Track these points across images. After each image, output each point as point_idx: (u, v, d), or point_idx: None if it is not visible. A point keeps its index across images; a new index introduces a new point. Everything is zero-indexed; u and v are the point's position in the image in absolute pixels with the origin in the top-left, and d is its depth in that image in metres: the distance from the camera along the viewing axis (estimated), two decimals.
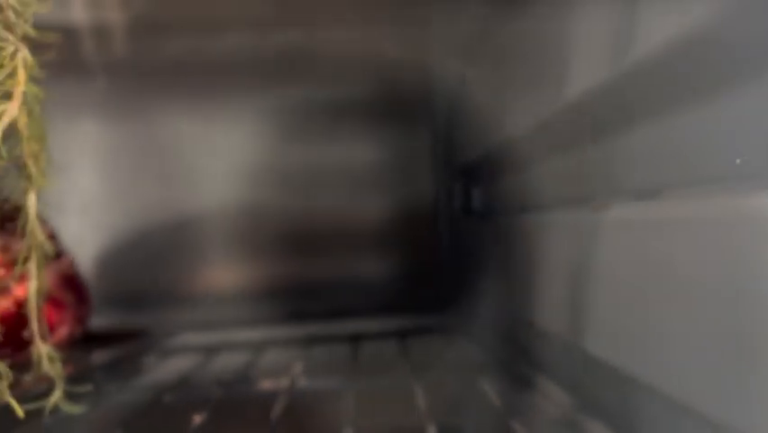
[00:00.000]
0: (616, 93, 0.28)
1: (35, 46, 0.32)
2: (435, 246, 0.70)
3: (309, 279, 0.70)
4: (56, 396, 0.34)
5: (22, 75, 0.30)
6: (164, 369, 0.51)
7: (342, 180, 0.70)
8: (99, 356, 0.46)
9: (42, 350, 0.34)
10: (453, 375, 0.45)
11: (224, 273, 0.69)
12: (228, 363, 0.55)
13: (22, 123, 0.29)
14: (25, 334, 0.35)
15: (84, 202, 0.65)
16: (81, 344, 0.51)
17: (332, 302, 0.70)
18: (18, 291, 0.42)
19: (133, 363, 0.45)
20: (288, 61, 0.70)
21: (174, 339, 0.53)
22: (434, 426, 0.34)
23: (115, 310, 0.63)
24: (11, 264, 0.43)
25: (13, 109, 0.29)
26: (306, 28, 0.70)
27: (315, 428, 0.34)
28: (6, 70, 0.30)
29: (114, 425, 0.37)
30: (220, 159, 0.69)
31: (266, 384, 0.46)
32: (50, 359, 0.34)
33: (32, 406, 0.33)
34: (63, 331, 0.47)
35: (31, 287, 0.34)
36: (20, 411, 0.32)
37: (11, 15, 0.31)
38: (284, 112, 0.70)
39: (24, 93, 0.29)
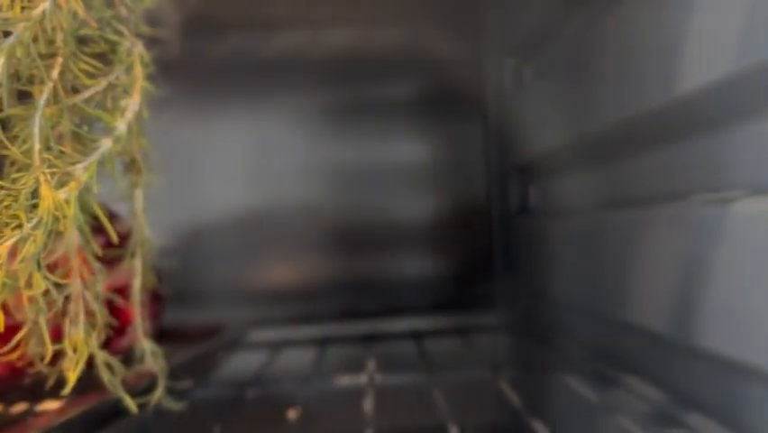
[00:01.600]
0: (735, 89, 0.28)
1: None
2: (488, 245, 0.70)
3: (362, 277, 0.70)
4: (159, 392, 0.34)
5: (139, 71, 0.30)
6: (235, 365, 0.52)
7: (395, 179, 0.70)
8: (176, 353, 0.46)
9: (146, 346, 0.34)
10: (534, 372, 0.45)
11: (279, 271, 0.69)
12: (295, 359, 0.55)
13: (141, 118, 0.29)
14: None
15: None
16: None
17: (385, 300, 0.70)
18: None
19: (207, 359, 0.45)
20: (341, 60, 0.70)
21: (243, 336, 0.53)
22: (538, 422, 0.34)
23: (173, 308, 0.63)
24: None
25: (134, 104, 0.29)
26: (359, 27, 0.70)
27: (416, 424, 0.34)
28: (123, 66, 0.30)
29: (210, 421, 0.37)
30: (274, 158, 0.69)
31: (344, 380, 0.46)
32: (154, 354, 0.34)
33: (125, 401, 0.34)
34: (144, 327, 0.47)
35: (135, 283, 0.34)
36: (133, 406, 0.32)
37: (123, 11, 0.31)
38: (337, 111, 0.70)
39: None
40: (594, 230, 0.47)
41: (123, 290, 0.37)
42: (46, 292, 0.25)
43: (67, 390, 0.29)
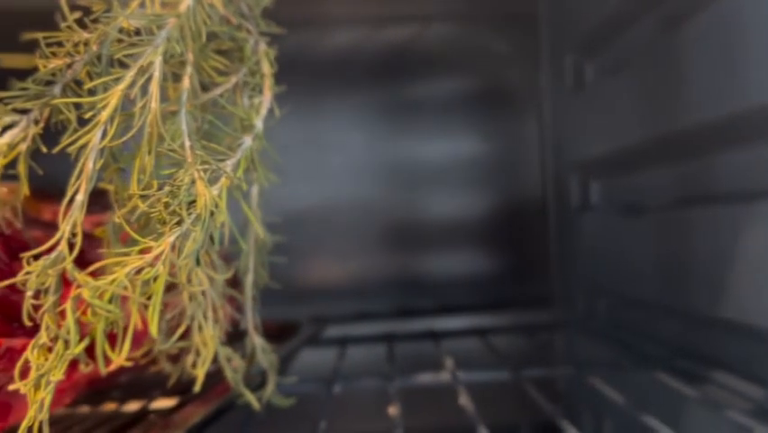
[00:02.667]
0: None
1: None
2: (544, 242, 0.70)
3: (417, 275, 0.70)
4: (270, 388, 0.34)
5: (267, 67, 0.30)
6: (306, 361, 0.52)
7: (450, 177, 0.70)
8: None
9: (257, 342, 0.34)
10: (619, 369, 0.45)
11: (335, 269, 0.69)
12: (365, 355, 0.55)
13: (273, 116, 0.29)
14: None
15: None
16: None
17: (439, 298, 0.70)
18: None
19: (293, 355, 0.45)
20: (396, 57, 0.70)
21: (322, 332, 0.53)
22: (649, 417, 0.34)
23: None
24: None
25: (267, 101, 0.29)
26: (413, 23, 0.70)
27: (525, 420, 0.34)
28: (250, 63, 0.30)
29: (311, 416, 0.37)
30: (331, 156, 0.69)
31: (426, 378, 0.46)
32: (264, 350, 0.34)
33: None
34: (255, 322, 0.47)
35: (248, 279, 0.34)
36: (256, 403, 0.32)
37: (244, 8, 0.31)
38: (392, 108, 0.70)
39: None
40: (675, 226, 0.46)
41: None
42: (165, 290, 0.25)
43: (197, 386, 0.29)
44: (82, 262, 0.37)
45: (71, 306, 0.22)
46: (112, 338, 0.28)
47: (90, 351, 0.24)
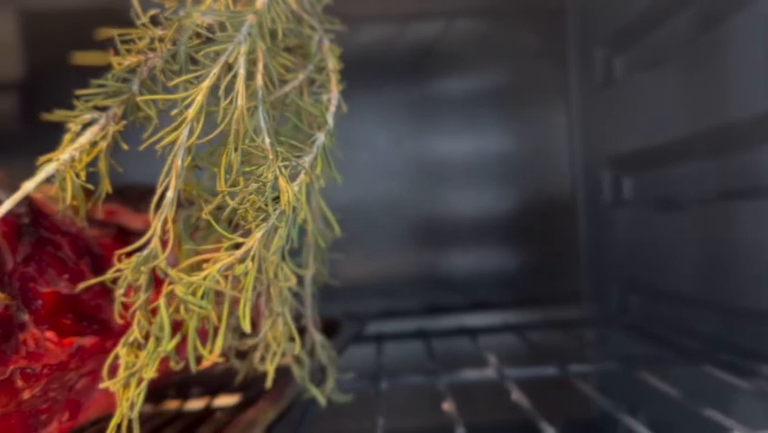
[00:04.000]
0: None
1: None
2: (573, 237, 0.70)
3: (446, 271, 0.70)
4: (330, 384, 0.34)
5: (333, 63, 0.30)
6: (345, 357, 0.52)
7: (478, 173, 0.70)
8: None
9: (316, 338, 0.34)
10: (665, 362, 0.45)
11: (364, 266, 0.69)
12: (405, 351, 0.55)
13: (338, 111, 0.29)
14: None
15: None
16: None
17: (469, 294, 0.70)
18: None
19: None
20: (423, 53, 0.70)
21: (364, 329, 0.53)
22: (710, 410, 0.34)
23: None
24: None
25: (335, 98, 0.29)
26: (440, 19, 0.70)
27: (591, 414, 0.34)
28: (316, 60, 0.30)
29: (361, 412, 0.37)
30: (358, 153, 0.69)
31: (471, 373, 0.46)
32: (323, 346, 0.34)
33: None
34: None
35: (308, 276, 0.34)
36: (323, 399, 0.32)
37: (307, 4, 0.31)
38: (419, 104, 0.70)
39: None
40: (717, 220, 0.46)
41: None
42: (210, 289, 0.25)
43: (269, 382, 0.29)
44: None
45: (164, 303, 0.22)
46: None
47: (178, 349, 0.24)
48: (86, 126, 0.24)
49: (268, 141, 0.25)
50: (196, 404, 0.34)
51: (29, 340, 0.25)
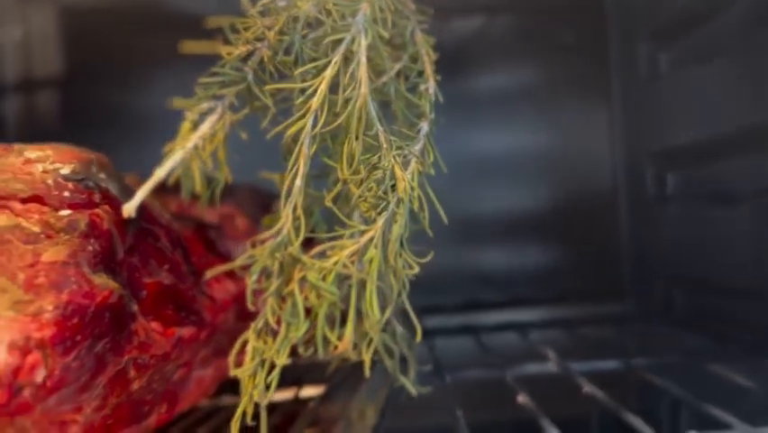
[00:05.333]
0: None
1: None
2: (615, 232, 0.70)
3: (485, 267, 0.70)
4: (410, 376, 0.34)
5: (428, 52, 0.30)
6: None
7: (516, 168, 0.70)
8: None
9: (398, 330, 0.34)
10: (731, 356, 0.45)
11: None
12: (457, 346, 0.55)
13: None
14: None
15: None
16: None
17: (508, 290, 0.70)
18: None
19: None
20: (462, 48, 0.70)
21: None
22: None
23: None
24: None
25: (432, 87, 0.29)
26: (479, 14, 0.70)
27: (647, 405, 0.34)
28: (411, 50, 0.30)
29: (443, 406, 0.37)
30: None
31: (533, 367, 0.46)
32: (403, 338, 0.34)
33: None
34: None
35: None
36: (413, 390, 0.32)
37: None
38: (459, 99, 0.70)
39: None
40: None
41: None
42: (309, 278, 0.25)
43: (366, 371, 0.29)
44: (215, 251, 0.36)
45: (298, 288, 0.22)
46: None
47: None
48: (203, 115, 0.24)
49: (380, 129, 0.25)
50: (282, 395, 0.34)
51: (140, 330, 0.25)
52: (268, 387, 0.22)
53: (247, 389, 0.22)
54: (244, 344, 0.23)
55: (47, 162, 0.24)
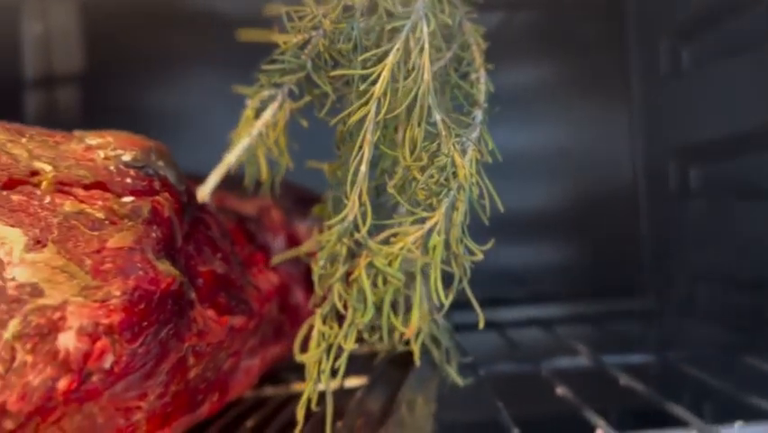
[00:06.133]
0: None
1: None
2: (634, 229, 0.70)
3: (505, 264, 0.70)
4: (453, 367, 0.34)
5: (478, 41, 0.30)
6: None
7: (536, 164, 0.70)
8: None
9: (440, 322, 0.34)
10: (763, 350, 0.45)
11: None
12: (483, 341, 0.55)
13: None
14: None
15: None
16: None
17: (529, 287, 0.70)
18: None
19: None
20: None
21: None
22: None
23: None
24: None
25: (483, 76, 0.29)
26: (498, 11, 0.70)
27: (692, 398, 0.34)
28: (460, 39, 0.30)
29: (487, 395, 0.37)
30: None
31: (564, 361, 0.46)
32: (445, 330, 0.34)
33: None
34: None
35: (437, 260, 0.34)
36: (459, 381, 0.32)
37: None
38: None
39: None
40: None
41: None
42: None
43: (416, 359, 0.29)
44: (255, 243, 0.36)
45: (364, 273, 0.22)
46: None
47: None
48: (263, 103, 0.24)
49: (438, 117, 0.25)
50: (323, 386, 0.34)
51: (198, 318, 0.25)
52: (334, 373, 0.22)
53: (312, 375, 0.22)
54: (309, 329, 0.23)
55: (108, 149, 0.24)
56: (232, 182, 0.39)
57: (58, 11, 0.71)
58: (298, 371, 0.40)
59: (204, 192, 0.21)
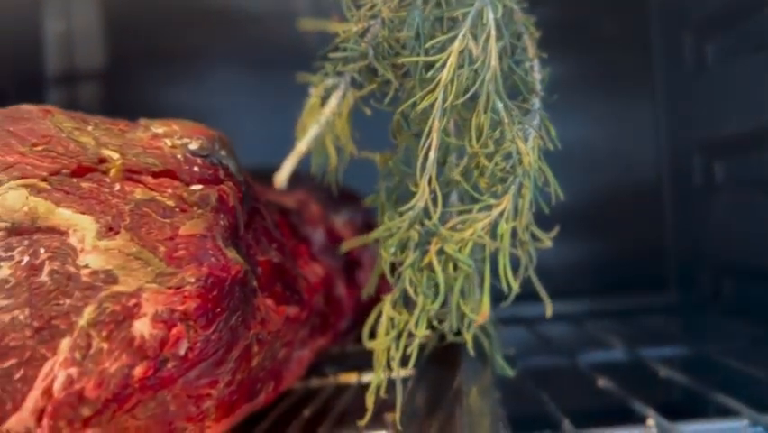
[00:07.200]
0: None
1: None
2: (658, 224, 0.69)
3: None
4: (499, 359, 0.34)
5: (531, 30, 0.30)
6: None
7: (560, 159, 0.70)
8: None
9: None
10: None
11: None
12: (511, 336, 0.55)
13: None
14: None
15: None
16: None
17: (552, 282, 0.70)
18: None
19: None
20: None
21: None
22: None
23: None
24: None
25: (536, 64, 0.29)
26: (527, 5, 0.70)
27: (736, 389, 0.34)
28: (513, 27, 0.30)
29: (530, 388, 0.37)
30: None
31: (599, 354, 0.46)
32: (491, 322, 0.34)
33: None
34: None
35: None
36: (510, 372, 0.32)
37: None
38: None
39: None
40: None
41: None
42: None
43: (470, 350, 0.29)
44: (298, 235, 0.36)
45: (436, 259, 0.22)
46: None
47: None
48: (328, 91, 0.24)
49: (500, 104, 0.25)
50: (370, 377, 0.34)
51: (261, 306, 0.25)
52: (405, 360, 0.22)
53: (381, 362, 0.22)
54: (378, 315, 0.23)
55: (174, 137, 0.24)
56: (268, 175, 0.39)
57: (80, 8, 0.71)
58: (335, 363, 0.40)
59: (281, 179, 0.21)
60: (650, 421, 0.32)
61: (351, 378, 0.34)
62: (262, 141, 0.48)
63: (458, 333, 0.30)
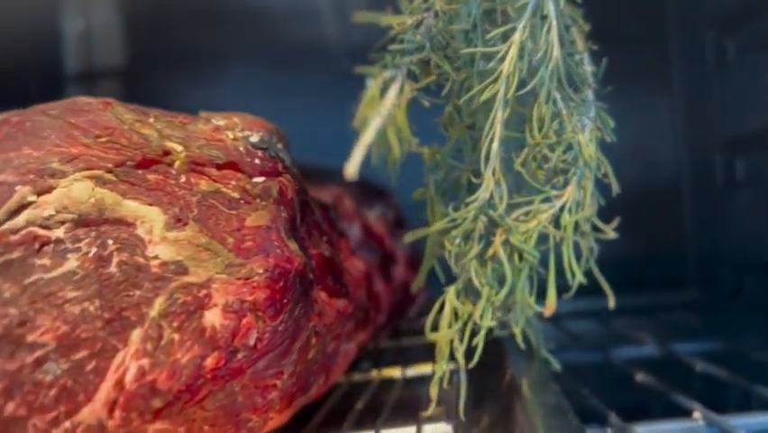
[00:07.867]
0: None
1: None
2: (678, 221, 0.70)
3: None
4: (544, 353, 0.34)
5: (580, 22, 0.30)
6: None
7: None
8: None
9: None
10: None
11: None
12: (544, 331, 0.55)
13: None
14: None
15: None
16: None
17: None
18: None
19: None
20: None
21: None
22: None
23: None
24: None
25: (586, 57, 0.29)
26: None
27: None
28: (563, 20, 0.30)
29: (569, 383, 0.37)
30: None
31: (631, 350, 0.46)
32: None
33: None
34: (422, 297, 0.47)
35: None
36: (556, 365, 0.32)
37: None
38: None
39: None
40: None
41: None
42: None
43: (520, 343, 0.29)
44: (337, 230, 0.37)
45: (502, 250, 0.22)
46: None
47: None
48: (386, 83, 0.24)
49: (558, 96, 0.25)
50: (413, 371, 0.34)
51: (318, 298, 0.25)
52: (470, 352, 0.22)
53: (443, 353, 0.22)
54: (441, 306, 0.23)
55: (236, 130, 0.24)
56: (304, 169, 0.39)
57: (98, 7, 0.71)
58: (371, 359, 0.40)
59: (351, 169, 0.21)
60: (696, 414, 0.32)
61: (394, 372, 0.34)
62: None
63: (503, 326, 0.30)
